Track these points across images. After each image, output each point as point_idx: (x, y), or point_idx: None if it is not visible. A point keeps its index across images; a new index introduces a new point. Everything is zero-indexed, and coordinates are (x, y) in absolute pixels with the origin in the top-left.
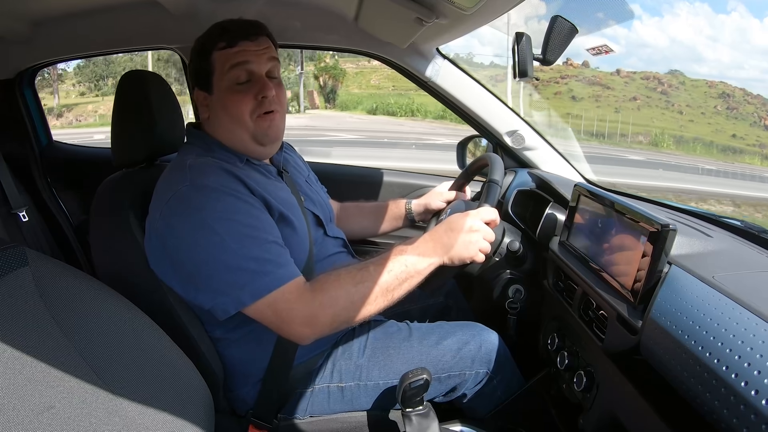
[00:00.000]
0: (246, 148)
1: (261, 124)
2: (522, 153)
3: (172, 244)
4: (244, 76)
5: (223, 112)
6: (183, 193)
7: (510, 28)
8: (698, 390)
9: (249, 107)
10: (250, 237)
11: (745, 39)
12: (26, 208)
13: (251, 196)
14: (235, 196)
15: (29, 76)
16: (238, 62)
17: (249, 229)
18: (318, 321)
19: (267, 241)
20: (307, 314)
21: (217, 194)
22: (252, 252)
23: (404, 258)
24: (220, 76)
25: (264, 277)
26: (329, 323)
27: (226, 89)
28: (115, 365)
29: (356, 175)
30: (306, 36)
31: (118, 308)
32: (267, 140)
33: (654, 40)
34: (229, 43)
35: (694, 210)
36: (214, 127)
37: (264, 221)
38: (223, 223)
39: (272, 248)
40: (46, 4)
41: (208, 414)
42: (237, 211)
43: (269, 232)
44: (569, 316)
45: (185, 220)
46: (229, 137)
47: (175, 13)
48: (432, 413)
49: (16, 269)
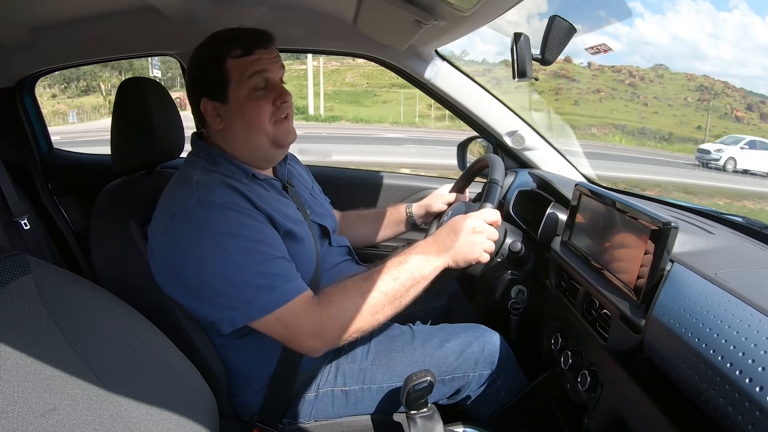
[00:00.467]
0: (261, 154)
1: (281, 128)
2: (522, 153)
3: (177, 259)
4: (262, 83)
5: (241, 120)
6: (190, 209)
7: (513, 28)
8: (702, 387)
9: (268, 113)
10: (258, 252)
11: (747, 36)
12: (27, 216)
13: (257, 212)
14: (241, 212)
15: (29, 83)
16: (257, 70)
17: (256, 244)
18: (327, 333)
19: (274, 257)
20: (316, 327)
21: (224, 210)
22: (259, 267)
23: (409, 264)
24: (238, 84)
25: (272, 292)
26: (338, 335)
27: (245, 97)
28: (119, 371)
29: (356, 178)
30: (305, 40)
31: (120, 314)
32: (284, 143)
33: (656, 37)
34: (245, 51)
35: (695, 207)
36: (227, 136)
37: (271, 236)
38: (231, 238)
39: (279, 263)
40: (46, 11)
41: (212, 419)
42: (244, 226)
43: (276, 247)
44: (572, 316)
45: (192, 235)
46: (243, 146)
47: (174, 19)
48: (436, 415)
49: (18, 277)
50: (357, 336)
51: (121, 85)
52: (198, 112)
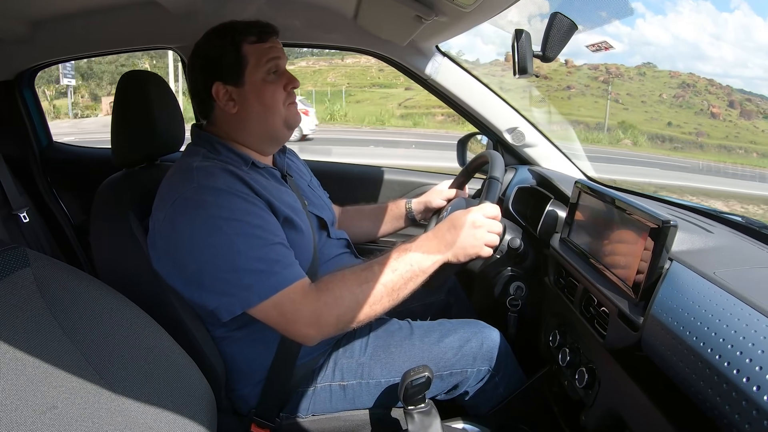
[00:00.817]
0: (274, 134)
1: (291, 110)
2: (522, 150)
3: (177, 245)
4: (275, 69)
5: (258, 103)
6: (190, 194)
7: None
8: (700, 386)
9: (282, 97)
10: (258, 237)
11: (749, 37)
12: (27, 209)
13: (257, 198)
14: (242, 198)
15: (29, 77)
16: (272, 57)
17: (256, 230)
18: (323, 321)
19: (273, 242)
20: (312, 314)
21: (225, 195)
22: (259, 252)
23: (409, 257)
24: (255, 68)
25: (271, 278)
26: (334, 323)
27: (262, 80)
28: (117, 365)
29: (356, 174)
30: (305, 34)
31: (119, 308)
32: (295, 123)
33: (657, 38)
34: (260, 38)
35: (695, 206)
36: (239, 119)
37: (270, 222)
38: (231, 223)
39: (279, 249)
40: (46, 4)
41: (211, 413)
42: (244, 211)
43: (275, 233)
44: (570, 313)
45: (192, 220)
46: (257, 128)
47: (175, 12)
48: (434, 411)
49: (17, 270)
50: (354, 326)
51: (121, 78)
52: (203, 100)
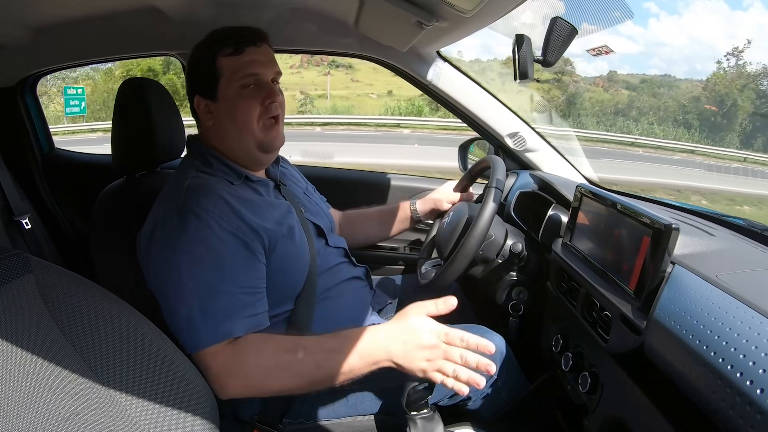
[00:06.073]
0: (249, 156)
1: (268, 134)
2: (523, 155)
3: (149, 265)
4: (252, 82)
5: (230, 119)
6: (167, 220)
7: (528, 29)
8: (703, 389)
9: (257, 113)
10: (210, 277)
11: (764, 35)
12: (29, 216)
13: (238, 226)
14: (216, 226)
15: (30, 83)
16: (247, 69)
17: (212, 267)
18: (238, 383)
19: (221, 291)
20: (231, 372)
21: (198, 221)
22: (203, 298)
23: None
24: (228, 82)
25: (204, 329)
26: (247, 390)
27: (234, 95)
28: (119, 371)
29: (357, 179)
30: (305, 41)
31: (121, 314)
32: (272, 148)
33: (672, 38)
34: (236, 49)
35: (696, 209)
36: (217, 135)
37: (235, 259)
38: (189, 257)
39: (224, 298)
40: (47, 11)
41: (213, 419)
42: (210, 244)
43: (234, 275)
44: (573, 318)
45: (162, 248)
46: (232, 146)
47: (176, 19)
48: (437, 417)
49: (19, 276)
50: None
51: (121, 85)
52: (193, 110)
